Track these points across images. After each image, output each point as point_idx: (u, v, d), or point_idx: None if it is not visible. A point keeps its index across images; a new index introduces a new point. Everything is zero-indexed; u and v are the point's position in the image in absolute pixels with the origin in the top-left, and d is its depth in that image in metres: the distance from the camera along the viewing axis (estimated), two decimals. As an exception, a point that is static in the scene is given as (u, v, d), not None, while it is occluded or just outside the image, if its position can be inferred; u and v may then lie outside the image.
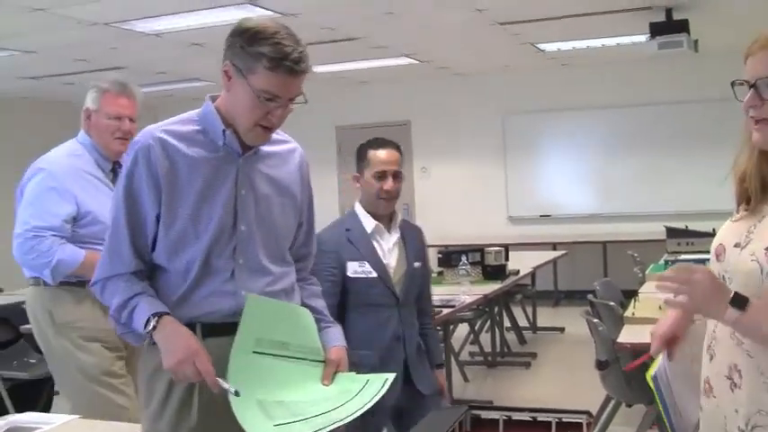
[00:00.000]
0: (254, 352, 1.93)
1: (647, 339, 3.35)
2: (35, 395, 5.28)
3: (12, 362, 5.48)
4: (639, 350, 3.77)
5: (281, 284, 2.09)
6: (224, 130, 1.97)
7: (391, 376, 2.07)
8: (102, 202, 2.93)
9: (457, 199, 10.02)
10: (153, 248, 1.99)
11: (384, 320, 2.97)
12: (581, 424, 1.84)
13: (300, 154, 2.17)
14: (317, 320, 2.15)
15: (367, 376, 2.09)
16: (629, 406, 4.45)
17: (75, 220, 3.02)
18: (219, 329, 1.96)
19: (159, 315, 1.91)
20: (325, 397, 1.99)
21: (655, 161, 9.13)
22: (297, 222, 2.15)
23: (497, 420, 1.91)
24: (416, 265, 3.07)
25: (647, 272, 5.39)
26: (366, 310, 2.97)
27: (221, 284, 1.99)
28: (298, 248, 2.19)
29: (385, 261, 2.99)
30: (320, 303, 2.24)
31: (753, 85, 1.72)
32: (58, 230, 2.98)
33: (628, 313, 3.91)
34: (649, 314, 3.95)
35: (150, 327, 1.89)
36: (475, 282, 5.29)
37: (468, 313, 5.77)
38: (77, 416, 2.62)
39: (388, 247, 3.03)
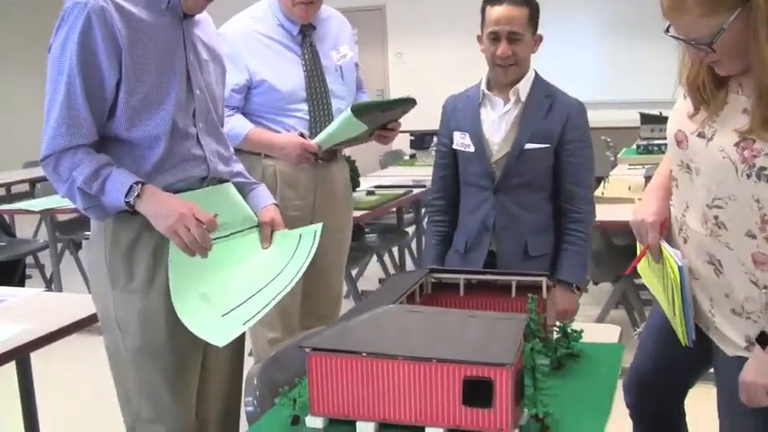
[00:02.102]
0: None
1: (615, 218, 3.39)
2: (6, 277, 5.26)
3: (-19, 245, 5.44)
4: (608, 228, 3.80)
5: (231, 148, 2.13)
6: None
7: (319, 226, 2.07)
8: (283, 71, 2.77)
9: (432, 84, 9.85)
10: (108, 117, 1.85)
11: (477, 204, 2.54)
12: (540, 285, 1.80)
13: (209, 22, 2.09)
14: (242, 185, 2.13)
15: (299, 230, 2.08)
16: (596, 284, 4.50)
17: (250, 88, 2.78)
18: (186, 189, 1.93)
19: (141, 183, 1.81)
20: (264, 266, 1.98)
21: (630, 48, 9.00)
22: (224, 89, 2.13)
23: (458, 284, 1.88)
24: (531, 146, 2.46)
25: (618, 155, 5.38)
26: (467, 189, 2.58)
27: (191, 149, 1.95)
28: None
29: (487, 135, 2.52)
30: (240, 166, 2.17)
31: (689, 43, 1.64)
32: (228, 100, 2.67)
33: (597, 193, 3.88)
34: (618, 194, 3.96)
35: (134, 195, 1.79)
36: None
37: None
38: (42, 289, 2.62)
39: (494, 120, 2.52)
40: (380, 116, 2.68)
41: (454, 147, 2.58)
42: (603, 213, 3.38)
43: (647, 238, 1.84)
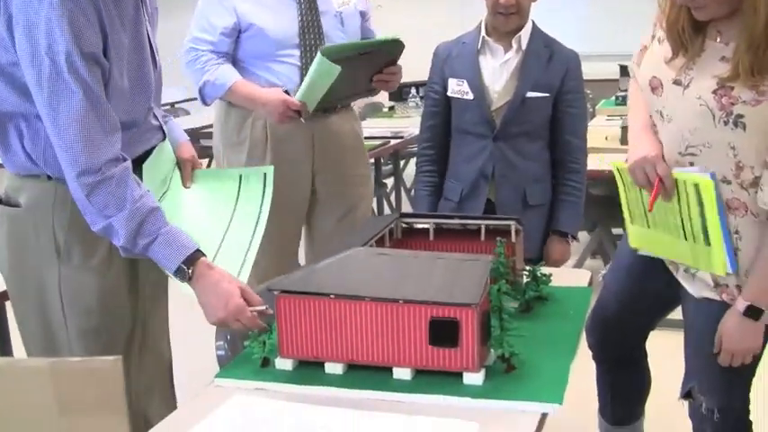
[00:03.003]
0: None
1: (592, 167, 3.38)
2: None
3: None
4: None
5: None
6: None
7: (269, 169, 1.97)
8: (275, 14, 2.60)
9: (410, 36, 9.79)
10: None
11: (475, 152, 2.50)
12: (509, 229, 1.80)
13: None
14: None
15: (238, 170, 2.01)
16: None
17: (241, 33, 2.62)
18: (145, 156, 1.82)
19: (189, 260, 1.62)
20: (210, 211, 1.89)
21: (613, 2, 8.94)
22: None
23: (428, 229, 1.87)
24: (532, 95, 2.43)
25: (597, 107, 5.38)
26: (461, 137, 2.54)
27: (151, 121, 1.85)
28: None
29: (487, 83, 2.47)
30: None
31: None
32: (217, 45, 2.61)
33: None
34: (595, 144, 3.94)
35: (187, 276, 1.62)
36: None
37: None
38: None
39: (495, 68, 2.47)
40: (365, 61, 2.52)
41: (449, 94, 2.53)
42: (580, 163, 3.38)
43: (655, 171, 1.75)
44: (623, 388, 2.28)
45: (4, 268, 1.81)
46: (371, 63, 2.55)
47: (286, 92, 2.55)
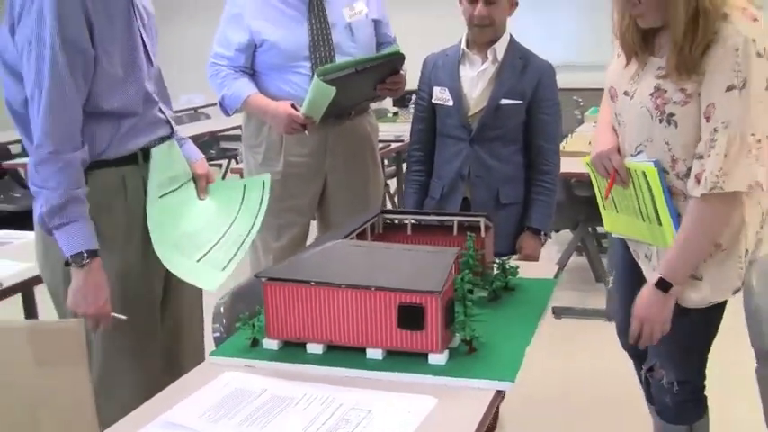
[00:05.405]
0: (160, 197, 1.95)
1: (575, 170, 3.44)
2: (21, 225, 5.34)
3: (-2, 196, 5.52)
4: (569, 178, 3.87)
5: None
6: None
7: (266, 176, 2.12)
8: (285, 30, 2.67)
9: (413, 47, 9.85)
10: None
11: (454, 154, 2.60)
12: (479, 224, 1.88)
13: None
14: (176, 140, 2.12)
15: (242, 181, 2.15)
16: (557, 231, 4.59)
17: (256, 48, 2.71)
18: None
19: (91, 254, 1.79)
20: (216, 214, 2.04)
21: (606, 15, 8.95)
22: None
23: (407, 225, 1.95)
24: (506, 102, 2.52)
25: (586, 113, 5.43)
26: (443, 140, 2.64)
27: (156, 114, 1.98)
28: None
29: (465, 91, 2.57)
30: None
31: None
32: (233, 60, 2.71)
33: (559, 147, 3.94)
34: (578, 148, 4.01)
35: (80, 263, 1.78)
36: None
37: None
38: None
39: (472, 77, 2.57)
40: (366, 74, 2.57)
41: (433, 101, 2.63)
42: (565, 165, 3.44)
43: (611, 164, 1.93)
44: None
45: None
46: (374, 75, 2.61)
47: (293, 105, 2.60)
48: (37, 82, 1.73)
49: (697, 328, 1.95)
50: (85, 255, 1.78)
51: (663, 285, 1.84)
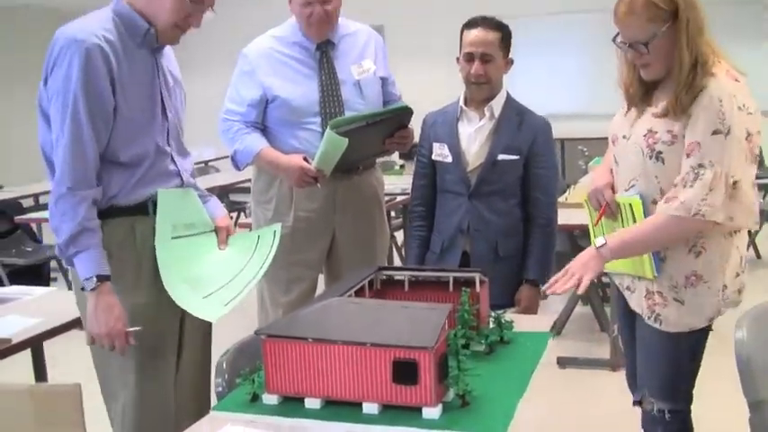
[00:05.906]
0: (173, 238, 2.06)
1: (578, 221, 3.48)
2: (34, 279, 5.42)
3: (10, 250, 5.59)
4: (571, 230, 3.91)
5: (192, 166, 2.26)
6: (148, 29, 1.99)
7: (278, 226, 2.21)
8: (296, 86, 2.73)
9: (421, 102, 9.98)
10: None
11: (454, 208, 2.65)
12: (474, 280, 1.93)
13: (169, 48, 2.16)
14: (200, 196, 2.23)
15: (257, 232, 2.22)
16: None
17: (268, 104, 2.76)
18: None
19: (102, 279, 1.92)
20: (229, 260, 2.14)
21: (611, 65, 9.08)
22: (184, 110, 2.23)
23: (404, 281, 2.00)
24: (503, 157, 2.58)
25: (589, 164, 5.46)
26: (443, 195, 2.69)
27: (168, 166, 2.10)
28: None
29: (463, 147, 2.63)
30: (192, 181, 2.24)
31: (630, 45, 1.98)
32: (245, 116, 2.76)
33: (561, 199, 3.99)
34: (579, 200, 4.05)
35: (90, 287, 1.92)
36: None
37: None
38: (55, 288, 2.77)
39: (470, 133, 2.63)
40: (376, 128, 2.63)
41: (433, 157, 2.69)
42: (568, 217, 3.49)
43: (603, 198, 2.14)
44: None
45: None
46: (383, 128, 2.67)
47: (305, 158, 2.65)
48: (60, 126, 1.91)
49: (682, 354, 2.09)
50: (95, 279, 1.91)
51: (602, 248, 2.01)
